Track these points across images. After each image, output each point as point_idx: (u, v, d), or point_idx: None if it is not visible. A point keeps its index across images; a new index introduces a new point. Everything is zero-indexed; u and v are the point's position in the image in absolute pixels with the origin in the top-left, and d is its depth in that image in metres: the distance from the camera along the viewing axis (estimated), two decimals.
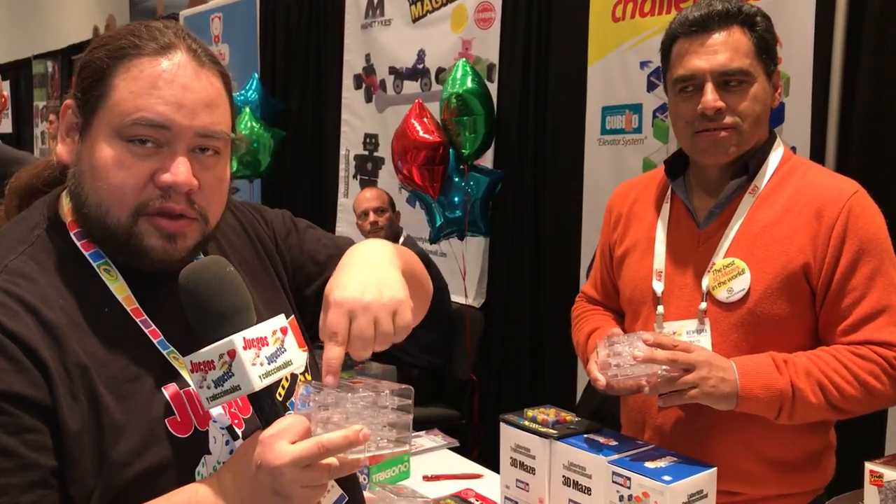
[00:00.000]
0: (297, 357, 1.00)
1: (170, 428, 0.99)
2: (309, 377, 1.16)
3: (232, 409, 1.06)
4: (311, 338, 1.24)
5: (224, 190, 1.07)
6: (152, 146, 0.99)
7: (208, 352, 0.94)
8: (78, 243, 1.03)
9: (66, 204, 1.05)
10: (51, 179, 1.12)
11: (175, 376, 1.02)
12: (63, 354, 0.94)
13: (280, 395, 1.13)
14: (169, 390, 1.01)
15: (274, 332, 0.98)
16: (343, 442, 0.92)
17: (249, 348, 0.94)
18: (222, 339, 0.94)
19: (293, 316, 1.21)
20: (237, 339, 0.94)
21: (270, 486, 0.92)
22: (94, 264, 1.02)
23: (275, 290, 1.21)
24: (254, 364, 0.94)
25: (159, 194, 0.99)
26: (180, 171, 0.99)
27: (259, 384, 0.94)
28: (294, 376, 1.13)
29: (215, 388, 0.95)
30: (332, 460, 0.92)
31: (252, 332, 0.95)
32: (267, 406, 0.97)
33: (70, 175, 1.03)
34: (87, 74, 1.01)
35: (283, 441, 0.92)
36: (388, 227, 3.96)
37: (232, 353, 0.93)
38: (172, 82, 0.99)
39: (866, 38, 2.52)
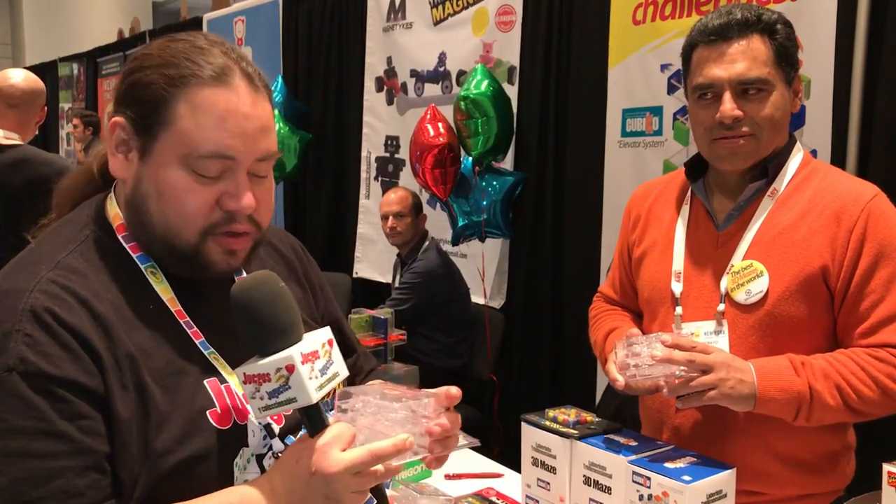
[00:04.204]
0: (342, 368, 1.04)
1: (211, 419, 1.03)
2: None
3: None
4: None
5: (272, 198, 1.13)
6: (217, 173, 1.04)
7: (265, 365, 0.97)
8: (126, 245, 1.08)
9: (111, 208, 1.10)
10: (92, 190, 1.16)
11: (216, 372, 1.07)
12: (113, 346, 0.99)
13: None
14: (210, 385, 1.06)
15: (323, 346, 1.02)
16: (392, 450, 0.97)
17: (306, 363, 0.98)
18: (277, 352, 0.98)
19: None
20: (296, 355, 0.97)
21: (323, 491, 0.97)
22: (142, 266, 1.07)
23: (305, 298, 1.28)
24: (310, 378, 0.98)
25: (224, 216, 1.06)
26: (245, 197, 1.05)
27: (316, 397, 0.98)
28: None
29: (269, 399, 0.98)
30: (380, 467, 0.97)
31: (307, 347, 0.99)
32: (316, 417, 1.01)
33: (129, 191, 1.07)
34: (143, 97, 1.04)
35: (336, 449, 0.97)
36: (408, 231, 3.98)
37: (290, 368, 0.97)
38: (236, 113, 1.03)
39: (888, 41, 2.52)
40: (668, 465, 1.47)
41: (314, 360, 0.99)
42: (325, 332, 1.04)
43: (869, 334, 1.56)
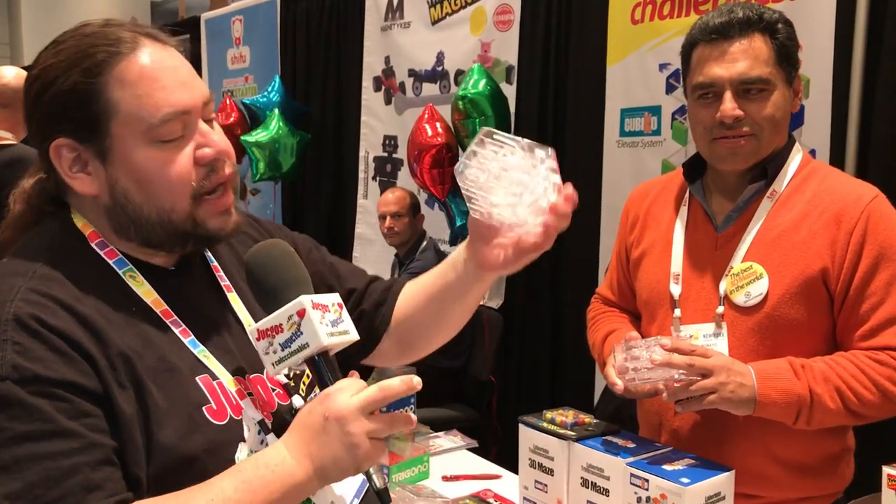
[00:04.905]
0: (352, 330, 1.04)
1: (207, 415, 1.02)
2: None
3: (260, 403, 1.10)
4: None
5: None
6: (180, 132, 1.03)
7: (277, 315, 0.99)
8: (101, 252, 1.06)
9: (77, 220, 1.08)
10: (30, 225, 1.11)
11: (206, 370, 1.06)
12: (104, 346, 0.97)
13: (303, 385, 1.16)
14: (203, 381, 1.05)
15: (333, 304, 1.03)
16: (402, 387, 0.97)
17: (316, 309, 0.99)
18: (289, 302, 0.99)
19: None
20: (306, 300, 0.99)
21: (339, 435, 0.95)
22: (120, 271, 1.05)
23: None
24: (321, 322, 0.99)
25: (206, 172, 1.05)
26: (215, 140, 1.05)
27: (327, 341, 0.99)
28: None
29: (282, 350, 0.99)
30: (397, 413, 0.99)
31: (317, 298, 1.01)
32: (329, 366, 1.01)
33: (107, 200, 1.04)
34: (71, 104, 1.00)
35: (347, 393, 0.96)
36: (405, 231, 3.97)
37: (301, 313, 0.98)
38: (164, 68, 1.02)
39: (887, 40, 2.51)
40: (667, 467, 1.46)
41: (324, 311, 1.00)
42: (336, 296, 1.04)
43: (869, 337, 1.55)
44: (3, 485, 0.88)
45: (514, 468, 1.88)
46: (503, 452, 3.34)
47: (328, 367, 1.01)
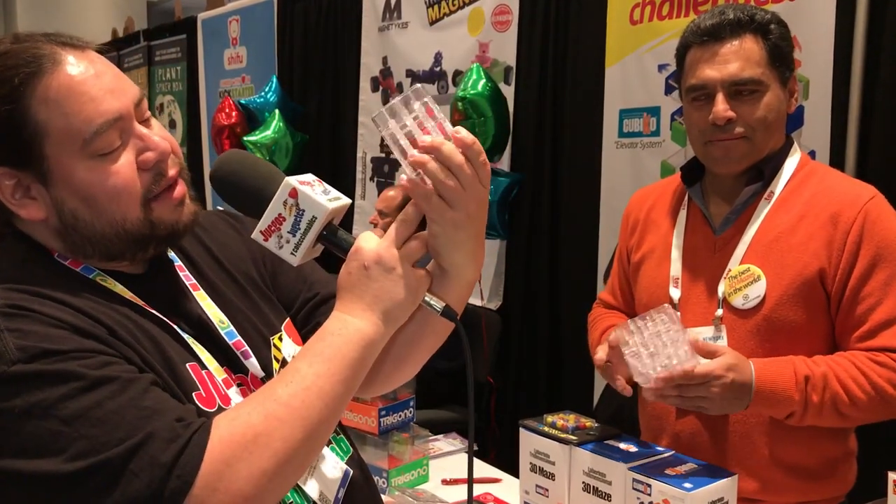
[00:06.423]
0: (341, 194, 1.04)
1: (197, 402, 1.00)
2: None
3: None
4: None
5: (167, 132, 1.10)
6: (117, 141, 1.00)
7: (272, 208, 0.99)
8: (65, 263, 1.03)
9: (38, 238, 1.05)
10: None
11: (196, 357, 1.04)
12: (101, 325, 0.95)
13: None
14: (192, 368, 1.02)
15: (313, 179, 1.02)
16: (414, 213, 0.98)
17: (304, 185, 0.99)
18: (274, 191, 0.99)
19: (288, 319, 1.22)
20: (291, 180, 0.99)
21: (385, 275, 0.97)
22: (89, 277, 1.03)
23: (269, 297, 1.23)
24: (316, 193, 0.99)
25: (153, 175, 1.02)
26: (155, 141, 1.02)
27: (331, 206, 0.99)
28: None
29: (293, 236, 0.99)
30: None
31: (298, 177, 1.00)
32: (343, 235, 1.02)
33: (55, 223, 1.01)
34: None
35: (371, 240, 0.99)
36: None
37: (294, 193, 0.98)
38: (87, 79, 0.98)
39: (887, 41, 2.50)
40: (669, 472, 1.46)
41: (311, 185, 1.00)
42: (309, 175, 1.03)
43: (867, 338, 1.54)
44: (68, 449, 0.85)
45: (512, 470, 1.88)
46: (502, 454, 3.33)
47: (342, 235, 1.01)
